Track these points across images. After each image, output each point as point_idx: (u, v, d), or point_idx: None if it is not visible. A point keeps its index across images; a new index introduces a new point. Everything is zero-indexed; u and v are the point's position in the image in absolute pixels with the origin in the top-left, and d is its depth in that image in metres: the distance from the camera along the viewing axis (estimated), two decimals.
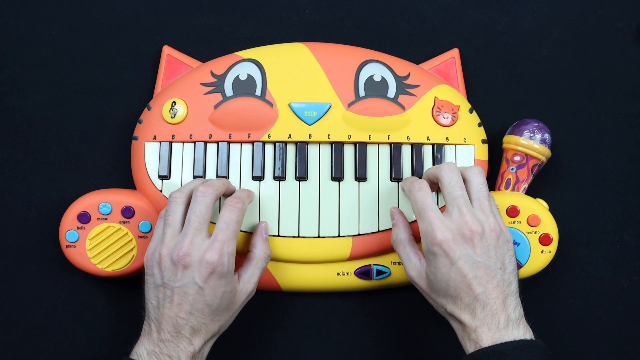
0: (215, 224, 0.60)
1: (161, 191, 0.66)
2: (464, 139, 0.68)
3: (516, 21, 0.74)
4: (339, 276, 0.67)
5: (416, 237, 0.66)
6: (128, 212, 0.66)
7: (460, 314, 0.57)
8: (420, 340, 0.70)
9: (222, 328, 0.60)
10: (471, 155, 0.68)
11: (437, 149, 0.68)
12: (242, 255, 0.63)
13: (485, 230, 0.57)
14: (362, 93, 0.68)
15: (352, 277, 0.67)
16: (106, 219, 0.66)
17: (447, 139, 0.68)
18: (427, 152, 0.68)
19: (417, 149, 0.68)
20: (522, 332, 0.56)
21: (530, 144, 0.67)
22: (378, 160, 0.68)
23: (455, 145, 0.68)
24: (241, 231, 0.65)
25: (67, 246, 0.65)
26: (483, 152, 0.68)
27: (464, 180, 0.60)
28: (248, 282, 0.61)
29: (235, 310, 0.60)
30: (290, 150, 0.67)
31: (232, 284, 0.58)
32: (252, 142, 0.67)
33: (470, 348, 0.56)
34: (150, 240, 0.61)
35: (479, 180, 0.60)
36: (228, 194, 0.65)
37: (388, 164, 0.68)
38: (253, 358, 0.69)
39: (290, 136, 0.67)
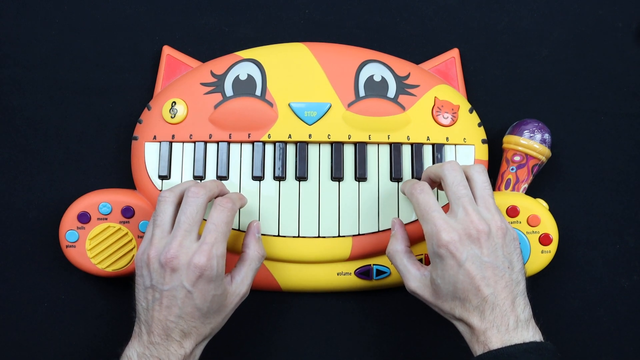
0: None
1: (161, 191, 0.66)
2: (464, 139, 0.68)
3: (516, 21, 0.74)
4: (339, 276, 0.67)
5: (418, 239, 0.66)
6: (128, 212, 0.66)
7: (469, 317, 0.55)
8: (420, 341, 0.70)
9: (214, 330, 0.59)
10: (471, 155, 0.68)
11: (437, 149, 0.68)
12: (237, 254, 0.63)
13: (492, 229, 0.56)
14: (362, 93, 0.68)
15: (352, 277, 0.67)
16: (106, 219, 0.66)
17: (447, 139, 0.68)
18: (427, 152, 0.68)
19: (417, 149, 0.68)
20: (531, 333, 0.55)
21: (530, 144, 0.67)
22: (378, 160, 0.68)
23: (455, 145, 0.68)
24: (237, 230, 0.65)
25: (67, 246, 0.65)
26: (483, 152, 0.68)
27: (467, 179, 0.59)
28: (241, 283, 0.59)
29: (227, 313, 0.59)
30: (290, 150, 0.67)
31: (223, 287, 0.57)
32: (252, 142, 0.67)
33: (478, 350, 0.55)
34: (141, 242, 0.60)
35: (482, 178, 0.59)
36: (221, 196, 0.63)
37: (388, 164, 0.68)
38: (253, 358, 0.69)
39: (290, 136, 0.67)
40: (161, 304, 0.56)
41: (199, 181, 0.66)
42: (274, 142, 0.67)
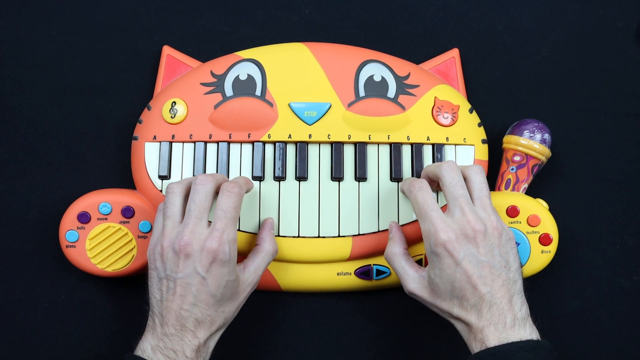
0: None
1: (161, 191, 0.66)
2: (464, 139, 0.68)
3: (516, 21, 0.74)
4: (339, 276, 0.67)
5: (417, 239, 0.66)
6: (128, 212, 0.66)
7: (467, 315, 0.56)
8: (420, 340, 0.70)
9: (226, 320, 0.59)
10: (471, 155, 0.68)
11: (437, 149, 0.68)
12: (245, 256, 0.63)
13: (488, 229, 0.57)
14: (362, 93, 0.68)
15: (352, 277, 0.67)
16: (106, 219, 0.66)
17: (447, 139, 0.68)
18: (427, 152, 0.68)
19: (417, 149, 0.68)
20: (528, 331, 0.55)
21: (530, 144, 0.67)
22: (378, 160, 0.68)
23: (455, 145, 0.68)
24: (244, 232, 0.65)
25: (67, 246, 0.65)
26: (483, 152, 0.68)
27: (465, 179, 0.60)
28: (254, 273, 0.60)
29: (240, 302, 0.60)
30: (290, 150, 0.67)
31: (236, 273, 0.58)
32: (252, 142, 0.67)
33: (476, 348, 0.55)
34: (151, 236, 0.61)
35: (480, 179, 0.60)
36: None
37: (388, 164, 0.68)
38: (253, 358, 0.69)
39: (290, 136, 0.67)
40: (175, 293, 0.56)
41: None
42: (274, 142, 0.67)
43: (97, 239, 0.65)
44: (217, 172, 0.67)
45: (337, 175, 0.67)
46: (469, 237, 0.56)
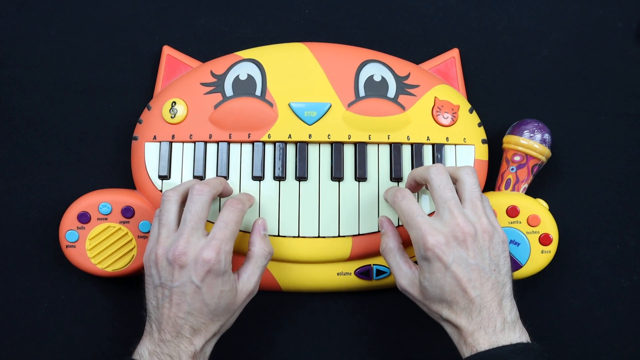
0: (212, 223, 0.60)
1: (161, 191, 0.66)
2: (464, 139, 0.68)
3: (516, 21, 0.74)
4: (339, 276, 0.67)
5: (407, 245, 0.66)
6: (128, 212, 0.66)
7: (457, 319, 0.56)
8: (419, 341, 0.70)
9: (223, 328, 0.59)
10: (471, 155, 0.68)
11: (437, 149, 0.68)
12: (242, 256, 0.63)
13: (478, 231, 0.56)
14: (362, 93, 0.68)
15: (352, 277, 0.67)
16: (106, 219, 0.66)
17: (447, 139, 0.68)
18: (427, 152, 0.68)
19: (417, 149, 0.68)
20: (518, 335, 0.55)
21: (530, 144, 0.67)
22: (378, 160, 0.68)
23: (455, 145, 0.68)
24: (244, 232, 0.65)
25: (67, 246, 0.65)
26: (483, 152, 0.68)
27: (456, 181, 0.59)
28: (248, 281, 0.60)
29: (235, 311, 0.60)
30: (290, 150, 0.67)
31: (231, 283, 0.58)
32: (252, 142, 0.67)
33: (466, 352, 0.55)
34: (147, 240, 0.61)
35: (471, 180, 0.59)
36: (225, 193, 0.64)
37: (388, 164, 0.68)
38: (253, 358, 0.69)
39: (290, 136, 0.67)
40: (171, 301, 0.56)
41: (200, 179, 0.66)
42: (274, 142, 0.67)
43: (97, 239, 0.65)
44: (217, 172, 0.67)
45: (337, 175, 0.67)
46: (459, 240, 0.56)
